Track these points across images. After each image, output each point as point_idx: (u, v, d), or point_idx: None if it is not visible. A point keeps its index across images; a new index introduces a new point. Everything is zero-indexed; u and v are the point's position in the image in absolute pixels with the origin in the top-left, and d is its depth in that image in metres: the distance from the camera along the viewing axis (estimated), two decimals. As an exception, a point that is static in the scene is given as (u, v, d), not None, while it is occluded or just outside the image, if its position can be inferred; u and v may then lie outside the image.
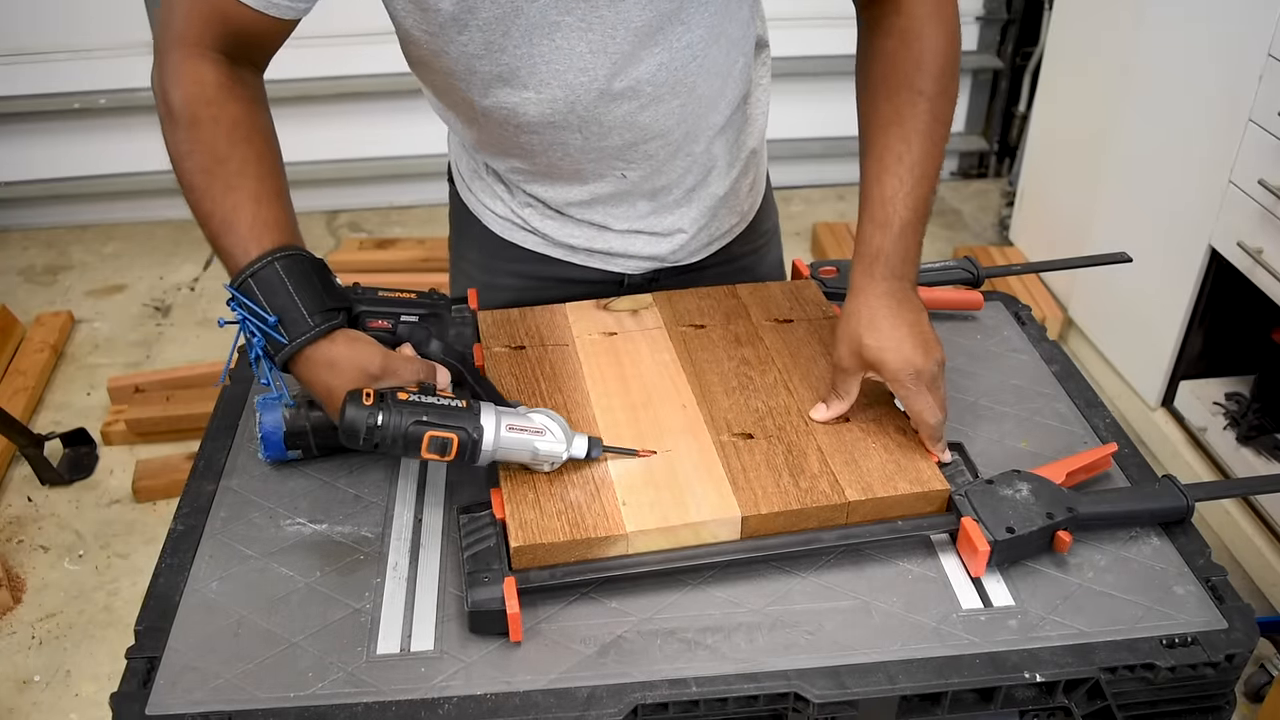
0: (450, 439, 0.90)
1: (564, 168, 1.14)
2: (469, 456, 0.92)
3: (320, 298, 0.93)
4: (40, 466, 2.41)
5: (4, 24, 3.10)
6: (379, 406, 0.88)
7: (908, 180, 1.01)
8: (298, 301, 0.91)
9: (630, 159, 1.13)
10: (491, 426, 0.92)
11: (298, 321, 0.91)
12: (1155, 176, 2.37)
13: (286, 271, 0.92)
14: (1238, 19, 2.04)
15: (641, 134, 1.10)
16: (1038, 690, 0.88)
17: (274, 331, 0.91)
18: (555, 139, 1.09)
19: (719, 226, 1.27)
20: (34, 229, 3.44)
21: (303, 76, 3.19)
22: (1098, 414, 1.13)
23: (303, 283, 0.92)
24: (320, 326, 0.91)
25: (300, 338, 0.91)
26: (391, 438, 0.88)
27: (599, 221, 1.21)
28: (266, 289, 0.91)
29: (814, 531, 0.96)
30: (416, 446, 0.90)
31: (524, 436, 0.94)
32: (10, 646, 2.05)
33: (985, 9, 3.45)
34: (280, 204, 0.97)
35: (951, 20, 1.04)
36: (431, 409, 0.90)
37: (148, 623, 0.91)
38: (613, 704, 0.83)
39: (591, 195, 1.18)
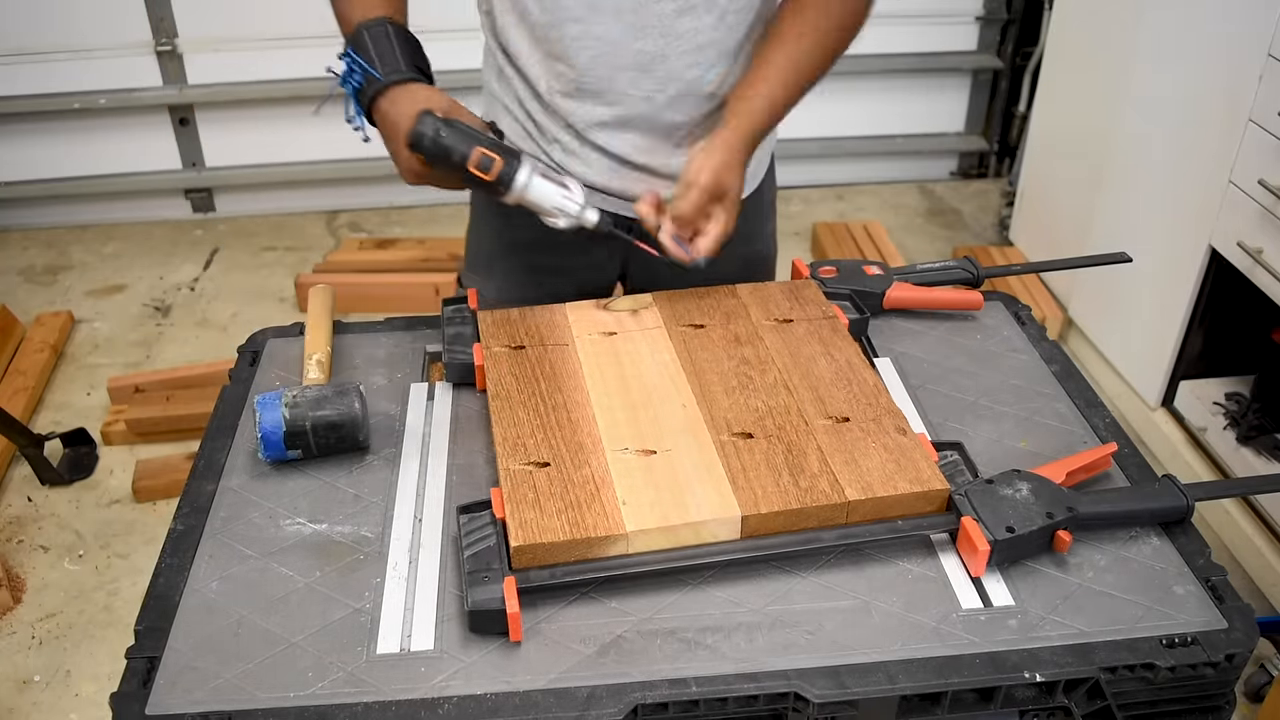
0: (495, 159, 1.08)
1: (597, 71, 1.19)
2: (505, 182, 1.09)
3: (417, 58, 1.13)
4: (40, 466, 2.41)
5: (4, 24, 3.10)
6: (445, 122, 1.07)
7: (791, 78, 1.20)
8: (398, 53, 1.11)
9: (658, 76, 1.19)
10: (529, 165, 1.10)
11: (395, 67, 1.11)
12: (1155, 176, 2.37)
13: (395, 33, 1.12)
14: (1238, 19, 2.04)
15: (674, 44, 1.17)
16: (1038, 690, 0.88)
17: (374, 70, 1.09)
18: (595, 29, 1.16)
19: None
20: (34, 229, 3.44)
21: (301, 77, 3.20)
22: (1098, 414, 1.14)
23: (405, 44, 1.13)
24: (410, 74, 1.11)
25: (394, 76, 1.10)
26: (450, 145, 1.06)
27: (618, 152, 1.25)
28: (376, 40, 1.11)
29: (814, 531, 0.96)
30: (466, 157, 1.07)
31: (550, 185, 1.11)
32: (10, 646, 2.05)
33: (985, 9, 3.45)
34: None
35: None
36: (484, 137, 1.09)
37: (148, 623, 0.91)
38: (613, 704, 0.83)
39: (616, 116, 1.22)
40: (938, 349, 1.24)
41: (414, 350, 1.24)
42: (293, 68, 3.20)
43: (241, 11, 3.13)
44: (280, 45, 3.18)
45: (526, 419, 1.05)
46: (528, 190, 1.10)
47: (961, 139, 3.69)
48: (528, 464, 0.99)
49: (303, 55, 3.14)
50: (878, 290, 1.28)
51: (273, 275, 3.17)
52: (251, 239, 3.34)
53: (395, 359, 1.22)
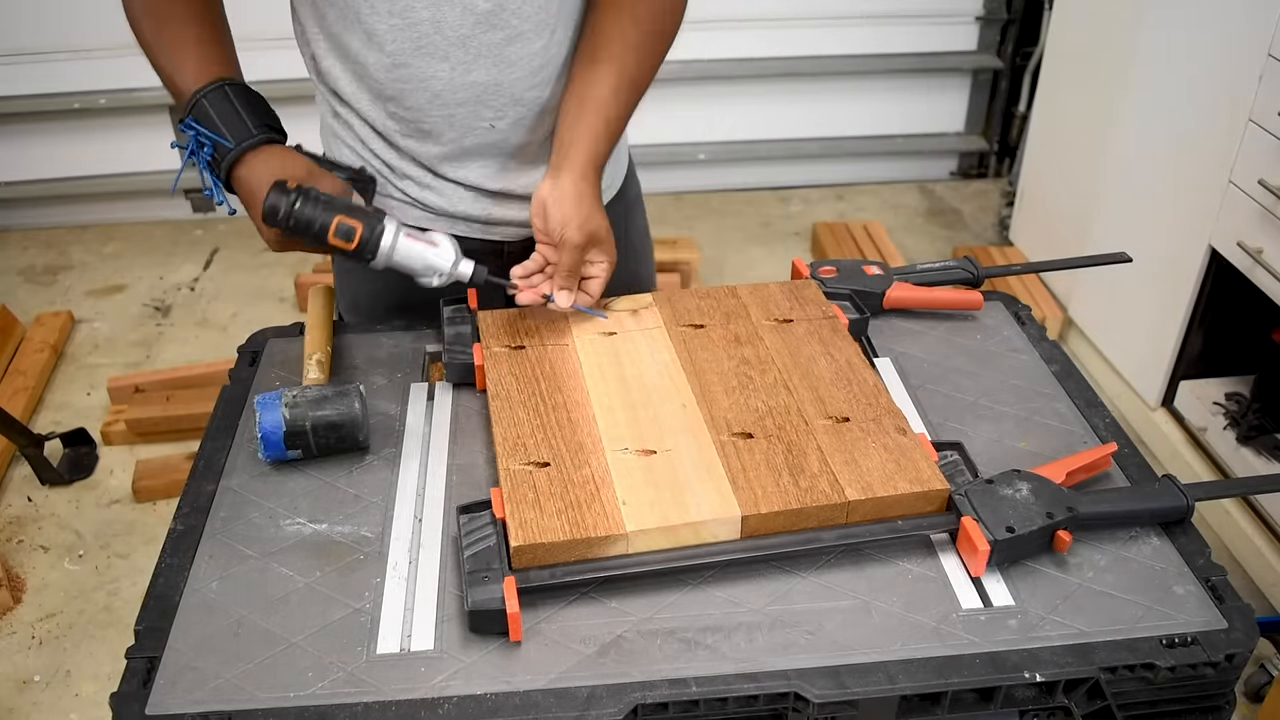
0: (355, 227, 1.04)
1: (434, 113, 1.16)
2: (370, 249, 1.05)
3: (264, 116, 1.09)
4: (40, 466, 2.41)
5: (4, 24, 3.10)
6: (299, 193, 1.03)
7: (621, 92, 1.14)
8: (243, 116, 1.07)
9: (497, 106, 1.17)
10: (393, 228, 1.06)
11: (242, 131, 1.06)
12: (1155, 176, 2.37)
13: (234, 94, 1.08)
14: (1238, 19, 2.04)
15: (507, 72, 1.14)
16: (1038, 690, 0.88)
17: (222, 139, 1.05)
18: (425, 71, 1.12)
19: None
20: (34, 229, 3.44)
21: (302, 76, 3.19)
22: (1098, 414, 1.14)
23: (248, 105, 1.08)
24: (261, 136, 1.07)
25: (244, 142, 1.06)
26: (306, 219, 1.03)
27: (473, 182, 1.23)
28: (217, 107, 1.07)
29: (814, 531, 0.96)
30: (326, 229, 1.04)
31: (418, 245, 1.08)
32: (10, 646, 2.05)
33: (985, 9, 3.45)
34: (222, 47, 1.13)
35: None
36: (343, 205, 1.05)
37: (148, 623, 0.91)
38: (613, 704, 0.83)
39: (462, 149, 1.20)
40: (938, 349, 1.24)
41: (414, 350, 1.24)
42: (293, 68, 3.18)
43: (240, 11, 3.11)
44: (280, 45, 3.16)
45: (526, 419, 1.05)
46: (394, 254, 1.07)
47: (961, 139, 3.69)
48: (528, 464, 0.99)
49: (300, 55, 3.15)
50: (878, 290, 1.28)
51: (273, 275, 3.17)
52: (251, 239, 3.33)
53: (395, 359, 1.22)
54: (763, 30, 3.37)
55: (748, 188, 3.68)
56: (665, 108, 3.43)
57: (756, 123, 3.54)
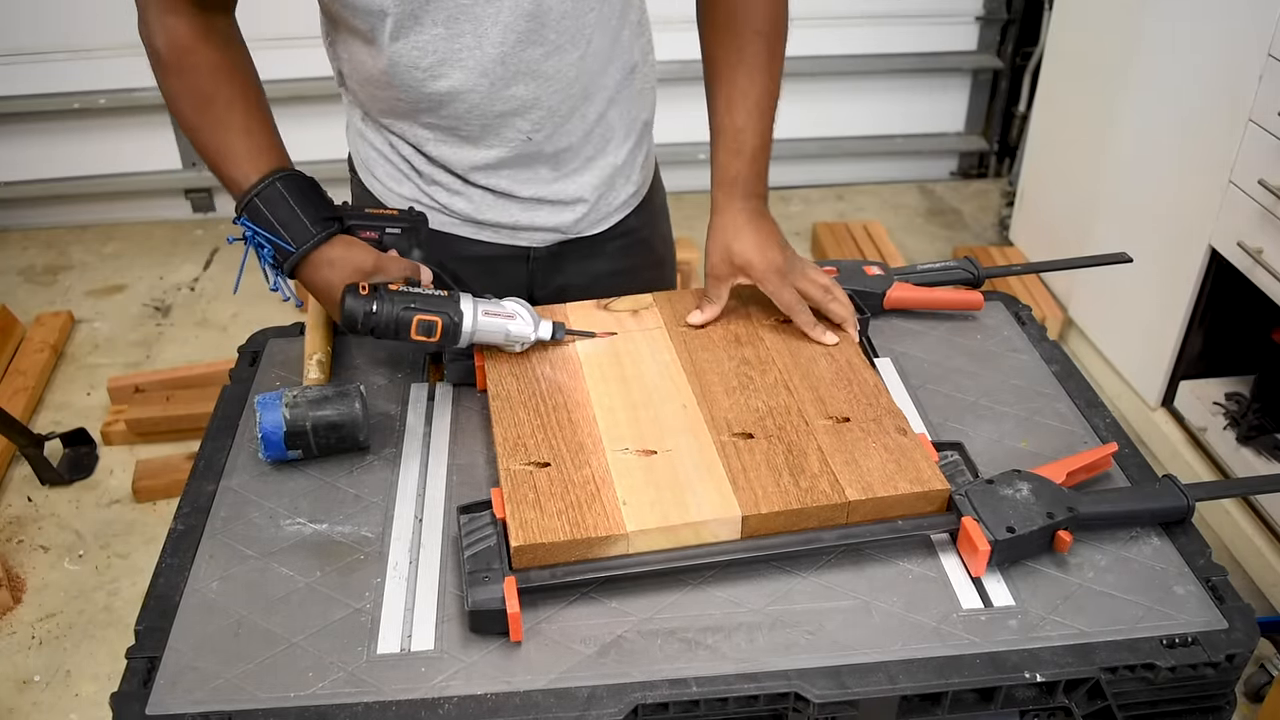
0: (435, 321, 1.04)
1: (470, 123, 1.15)
2: (452, 338, 1.06)
3: (319, 209, 1.07)
4: (40, 466, 2.41)
5: (4, 24, 3.10)
6: (373, 296, 1.03)
7: (754, 113, 1.16)
8: (299, 214, 1.05)
9: (533, 118, 1.15)
10: (470, 311, 1.06)
11: (301, 231, 1.05)
12: (1155, 176, 2.37)
13: (286, 189, 1.05)
14: (1238, 19, 2.04)
15: (544, 86, 1.13)
16: (1038, 690, 0.88)
17: (282, 242, 1.04)
18: (463, 84, 1.10)
19: (617, 197, 1.29)
20: (34, 229, 3.44)
21: (300, 77, 3.19)
22: (1098, 414, 1.14)
23: (302, 198, 1.06)
24: (321, 234, 1.05)
25: (306, 243, 1.05)
26: (385, 323, 1.03)
27: (504, 189, 1.22)
28: (271, 206, 1.05)
29: (814, 531, 0.96)
30: (407, 329, 1.04)
31: (498, 320, 1.08)
32: (10, 646, 2.05)
33: (985, 9, 3.45)
34: (268, 130, 1.10)
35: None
36: (418, 297, 1.05)
37: (148, 623, 0.91)
38: (613, 704, 0.83)
39: (496, 159, 1.19)
40: (938, 349, 1.24)
41: (414, 350, 1.24)
42: (293, 68, 3.19)
43: (241, 11, 3.12)
44: (280, 45, 3.17)
45: (527, 419, 1.04)
46: (476, 334, 1.08)
47: (961, 139, 3.69)
48: (528, 464, 0.99)
49: (303, 55, 3.13)
50: (878, 290, 1.28)
51: (273, 275, 3.17)
52: (251, 239, 3.33)
53: (396, 359, 1.22)
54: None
55: (748, 188, 3.67)
56: (665, 108, 3.42)
57: (756, 123, 3.53)
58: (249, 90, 1.11)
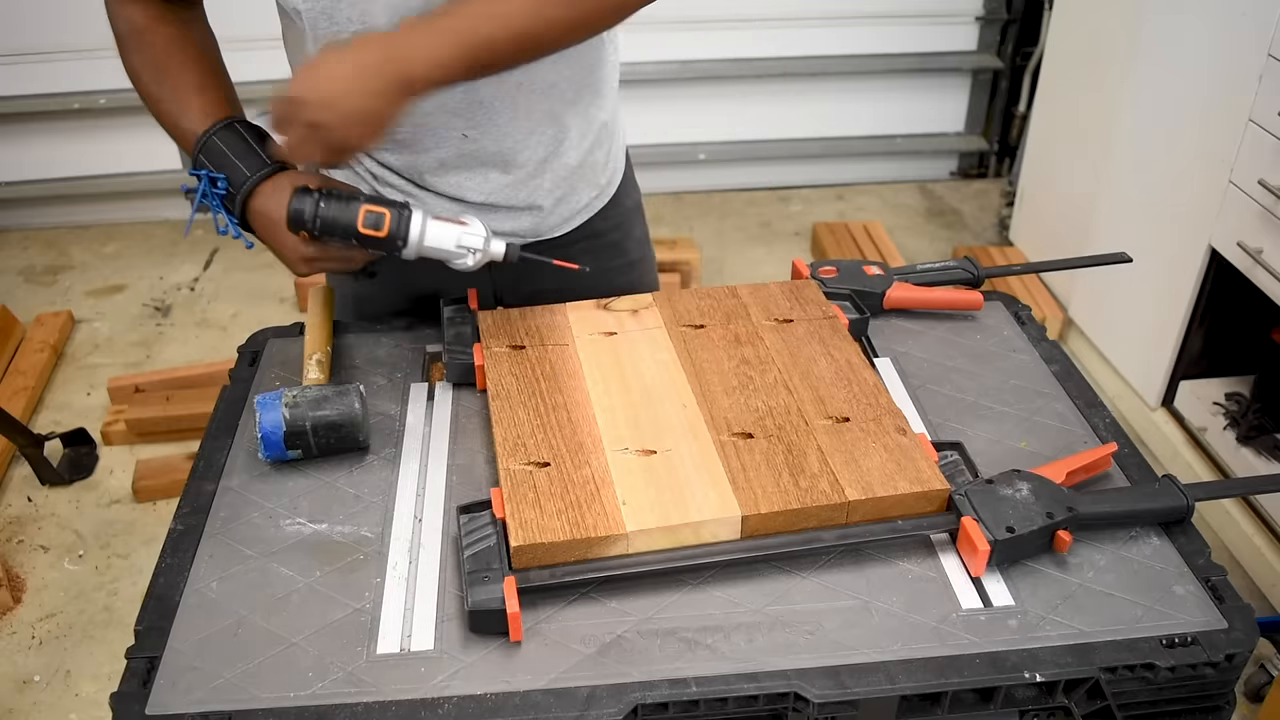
0: (383, 214, 1.02)
1: (403, 126, 1.12)
2: (401, 235, 1.02)
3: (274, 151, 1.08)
4: (40, 466, 2.41)
5: (4, 24, 3.10)
6: (322, 193, 1.01)
7: (480, 5, 0.97)
8: (255, 149, 1.07)
9: (470, 116, 1.13)
10: (420, 212, 1.04)
11: (256, 162, 1.06)
12: (1155, 176, 2.37)
13: (245, 129, 1.08)
14: (1238, 19, 2.04)
15: (475, 85, 1.10)
16: (1038, 690, 0.88)
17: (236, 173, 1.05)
18: None
19: (577, 200, 1.28)
20: (34, 229, 3.44)
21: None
22: (1098, 414, 1.14)
23: (258, 138, 1.09)
24: (274, 165, 1.07)
25: (259, 172, 1.06)
26: (333, 216, 1.01)
27: (455, 193, 1.20)
28: (227, 143, 1.07)
29: (814, 531, 0.96)
30: (353, 222, 1.01)
31: (449, 224, 1.05)
32: (10, 646, 2.05)
33: (985, 9, 3.45)
34: (221, 90, 1.13)
35: None
36: (366, 195, 1.03)
37: (148, 623, 0.91)
38: (613, 704, 0.83)
39: (439, 161, 1.17)
40: (938, 349, 1.24)
41: (414, 350, 1.24)
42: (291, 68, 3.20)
43: (241, 12, 3.12)
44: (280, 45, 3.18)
45: (527, 419, 1.05)
46: (425, 236, 1.03)
47: (961, 139, 3.69)
48: (528, 464, 0.99)
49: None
50: (878, 290, 1.28)
51: (273, 275, 3.17)
52: (251, 239, 3.34)
53: (395, 359, 1.22)
54: (763, 30, 3.37)
55: (748, 188, 3.68)
56: (665, 108, 3.43)
57: (756, 123, 3.54)
58: (204, 58, 1.13)
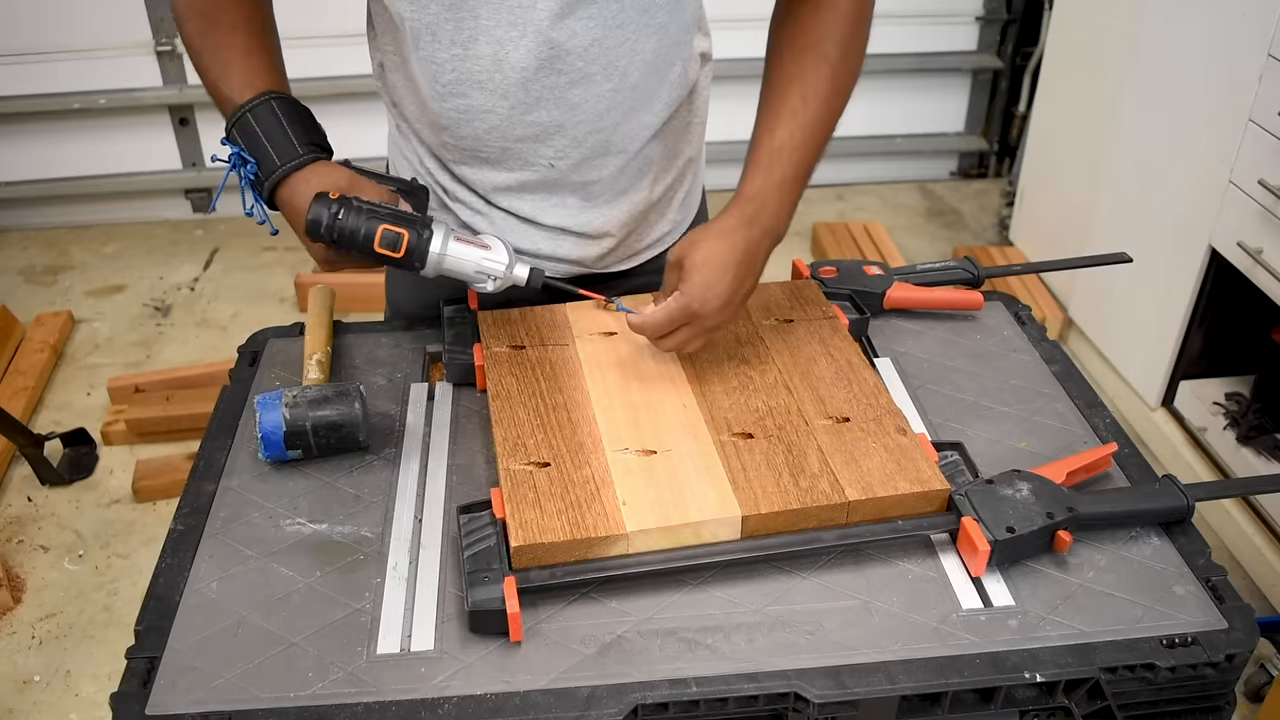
0: (401, 234, 1.00)
1: (489, 144, 1.12)
2: (418, 257, 1.01)
3: (310, 133, 1.05)
4: (40, 466, 2.41)
5: (4, 24, 3.10)
6: (341, 203, 0.99)
7: (798, 136, 1.05)
8: (289, 133, 1.03)
9: (558, 146, 1.12)
10: (441, 233, 1.02)
11: (288, 149, 1.02)
12: (1155, 176, 2.37)
13: (280, 108, 1.04)
14: (1238, 19, 2.04)
15: (569, 114, 1.09)
16: (1038, 690, 0.88)
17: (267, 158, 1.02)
18: (483, 104, 1.08)
19: (648, 234, 1.25)
20: (34, 229, 3.44)
21: (301, 77, 3.18)
22: (1098, 414, 1.14)
23: (295, 119, 1.04)
24: (307, 155, 1.03)
25: (290, 161, 1.02)
26: (350, 229, 0.98)
27: (527, 214, 1.18)
28: (262, 122, 1.03)
29: (814, 531, 0.96)
30: (371, 240, 0.99)
31: (470, 248, 1.03)
32: (10, 646, 2.05)
33: (985, 9, 3.45)
34: (268, 56, 1.09)
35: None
36: (387, 211, 1.00)
37: (148, 623, 0.91)
38: (613, 704, 0.83)
39: (518, 182, 1.16)
40: (938, 349, 1.24)
41: (414, 350, 1.24)
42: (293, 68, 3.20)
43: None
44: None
45: (527, 419, 1.04)
46: (444, 260, 1.02)
47: (961, 139, 3.69)
48: (528, 464, 0.99)
49: (302, 55, 3.13)
50: (878, 290, 1.28)
51: (273, 275, 3.17)
52: (251, 239, 3.34)
53: (395, 359, 1.22)
54: (762, 30, 3.36)
55: (748, 188, 3.67)
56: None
57: (756, 123, 3.53)
58: (255, 17, 1.09)
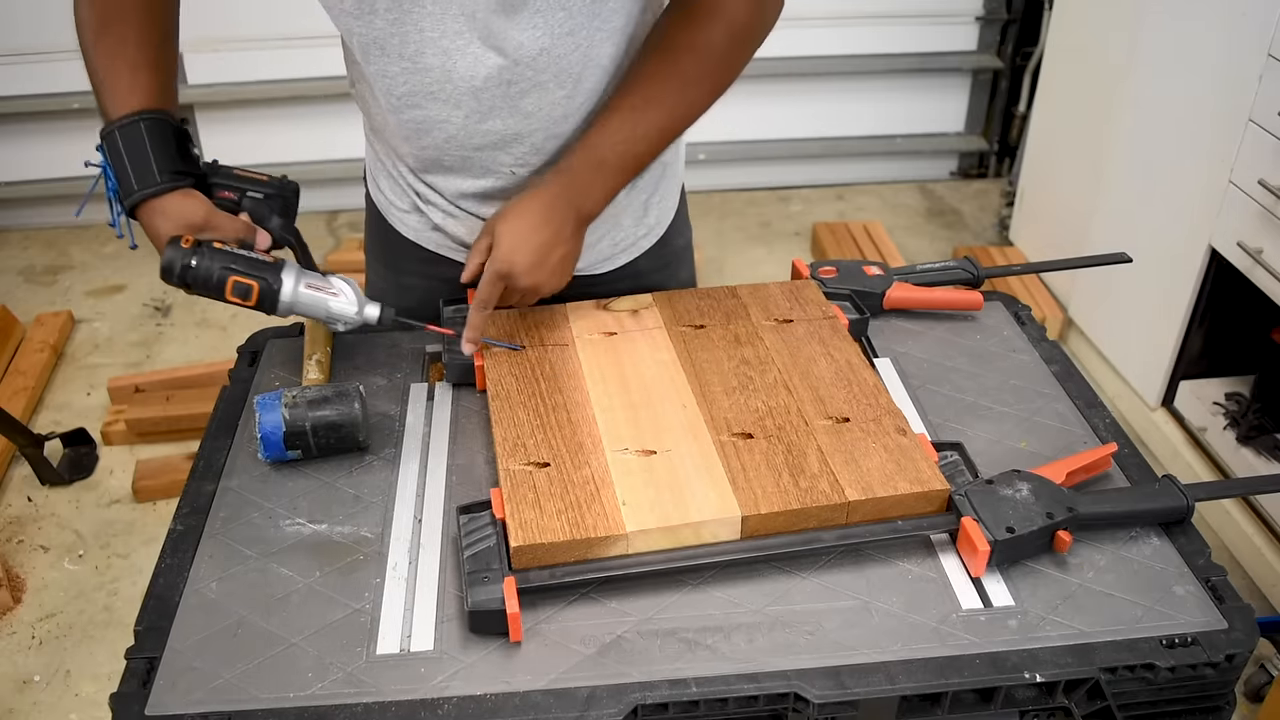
0: (252, 285, 1.04)
1: (450, 153, 1.13)
2: (269, 305, 1.05)
3: (172, 160, 1.06)
4: (40, 466, 2.41)
5: (4, 24, 3.10)
6: (194, 251, 1.03)
7: (627, 130, 1.08)
8: (152, 158, 1.05)
9: (517, 153, 1.12)
10: (291, 281, 1.06)
11: (147, 175, 1.05)
12: (1155, 176, 2.37)
13: (149, 131, 1.06)
14: (1238, 19, 2.04)
15: (525, 122, 1.09)
16: (1038, 690, 0.88)
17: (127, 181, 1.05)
18: (438, 115, 1.09)
19: (623, 238, 1.26)
20: (34, 229, 3.44)
21: (301, 77, 3.20)
22: (1098, 414, 1.13)
23: (161, 144, 1.06)
24: (164, 184, 1.05)
25: (147, 189, 1.05)
26: (202, 278, 1.03)
27: None
28: (128, 143, 1.05)
29: (814, 531, 0.96)
30: (222, 289, 1.04)
31: (319, 295, 1.08)
32: (10, 646, 2.05)
33: (985, 9, 3.45)
34: (156, 72, 1.09)
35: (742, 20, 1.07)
36: (240, 259, 1.04)
37: (148, 623, 0.91)
38: (613, 704, 0.83)
39: (483, 189, 1.17)
40: (938, 349, 1.24)
41: (414, 350, 1.24)
42: (293, 68, 3.20)
43: (241, 11, 3.13)
44: (280, 45, 3.18)
45: (526, 419, 1.04)
46: (295, 307, 1.07)
47: (961, 139, 3.69)
48: (528, 464, 0.99)
49: (302, 55, 3.15)
50: (878, 290, 1.28)
51: (273, 275, 3.17)
52: (251, 239, 3.33)
53: (395, 359, 1.22)
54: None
55: (748, 188, 3.68)
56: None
57: (756, 123, 3.54)
58: (151, 30, 1.10)
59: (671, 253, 1.33)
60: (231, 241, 1.06)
